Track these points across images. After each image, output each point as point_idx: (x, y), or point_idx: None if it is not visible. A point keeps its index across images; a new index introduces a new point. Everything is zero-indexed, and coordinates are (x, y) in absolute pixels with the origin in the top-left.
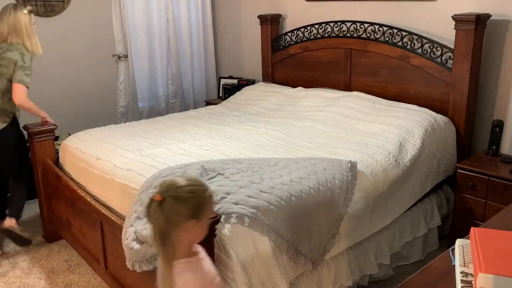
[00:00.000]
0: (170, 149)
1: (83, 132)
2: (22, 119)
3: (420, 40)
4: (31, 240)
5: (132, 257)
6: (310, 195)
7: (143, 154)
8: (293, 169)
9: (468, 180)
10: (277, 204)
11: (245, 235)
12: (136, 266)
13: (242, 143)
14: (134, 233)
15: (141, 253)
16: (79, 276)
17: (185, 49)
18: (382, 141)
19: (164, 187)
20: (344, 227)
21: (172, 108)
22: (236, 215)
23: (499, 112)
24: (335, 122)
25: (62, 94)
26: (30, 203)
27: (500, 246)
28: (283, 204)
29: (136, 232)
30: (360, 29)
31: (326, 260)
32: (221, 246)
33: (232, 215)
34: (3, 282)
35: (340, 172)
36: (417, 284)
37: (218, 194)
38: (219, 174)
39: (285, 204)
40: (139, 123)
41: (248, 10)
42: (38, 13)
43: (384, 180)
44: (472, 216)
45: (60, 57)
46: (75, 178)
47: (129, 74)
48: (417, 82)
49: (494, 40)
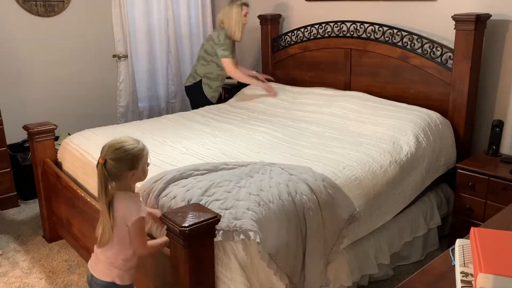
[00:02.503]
0: (174, 147)
1: (88, 131)
2: (22, 119)
3: (420, 40)
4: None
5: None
6: None
7: (150, 152)
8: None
9: (468, 180)
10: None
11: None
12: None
13: (242, 142)
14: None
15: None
16: (79, 276)
17: (185, 49)
18: (376, 140)
19: (104, 151)
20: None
21: (172, 108)
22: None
23: (499, 112)
24: (328, 123)
25: (62, 94)
26: (30, 203)
27: (500, 246)
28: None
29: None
30: (360, 29)
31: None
32: (220, 247)
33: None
34: (3, 282)
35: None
36: (417, 284)
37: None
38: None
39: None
40: (149, 121)
41: (248, 10)
42: (38, 13)
43: (383, 177)
44: (472, 216)
45: (60, 57)
46: (74, 176)
47: (129, 74)
48: (417, 82)
49: (494, 40)
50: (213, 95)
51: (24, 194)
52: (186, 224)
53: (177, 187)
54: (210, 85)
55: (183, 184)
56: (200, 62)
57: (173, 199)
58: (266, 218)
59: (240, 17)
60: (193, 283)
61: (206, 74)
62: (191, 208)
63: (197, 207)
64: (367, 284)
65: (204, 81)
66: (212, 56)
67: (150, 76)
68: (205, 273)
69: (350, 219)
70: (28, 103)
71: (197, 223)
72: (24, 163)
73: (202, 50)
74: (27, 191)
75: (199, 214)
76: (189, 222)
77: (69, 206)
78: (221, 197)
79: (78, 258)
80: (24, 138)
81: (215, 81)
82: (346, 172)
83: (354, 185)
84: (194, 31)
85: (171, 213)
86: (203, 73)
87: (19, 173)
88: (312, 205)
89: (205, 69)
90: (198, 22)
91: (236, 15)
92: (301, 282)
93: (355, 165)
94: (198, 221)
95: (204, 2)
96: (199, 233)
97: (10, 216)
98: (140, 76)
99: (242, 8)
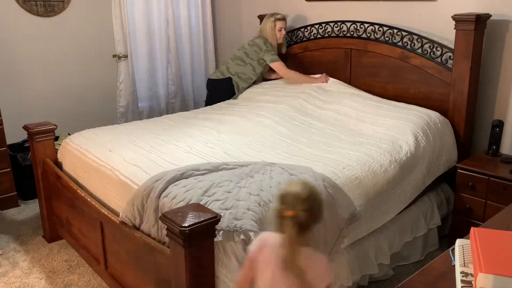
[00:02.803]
0: (178, 146)
1: (88, 130)
2: (22, 119)
3: (420, 40)
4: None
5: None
6: None
7: (152, 151)
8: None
9: (468, 180)
10: None
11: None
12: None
13: (246, 139)
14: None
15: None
16: (79, 276)
17: (185, 49)
18: (376, 140)
19: (291, 201)
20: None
21: (172, 108)
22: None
23: (499, 112)
24: (331, 120)
25: (62, 94)
26: (30, 203)
27: (500, 246)
28: None
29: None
30: (360, 29)
31: None
32: (220, 247)
33: (239, 231)
34: (3, 282)
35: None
36: (417, 284)
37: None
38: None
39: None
40: (149, 121)
41: (248, 10)
42: (38, 13)
43: (383, 176)
44: (472, 216)
45: (60, 57)
46: (75, 176)
47: (129, 74)
48: (417, 82)
49: (494, 40)
50: (238, 94)
51: (24, 194)
52: (186, 224)
53: (177, 187)
54: (239, 84)
55: (183, 184)
56: (236, 62)
57: (173, 199)
58: (266, 218)
59: (273, 31)
60: (193, 283)
61: (239, 73)
62: (191, 208)
63: (197, 207)
64: (367, 284)
65: (235, 79)
66: (252, 60)
67: (150, 76)
68: (205, 273)
69: (350, 219)
70: (28, 103)
71: (197, 223)
72: (24, 163)
73: (242, 52)
74: (27, 191)
75: (199, 214)
76: (189, 222)
77: (69, 206)
78: (221, 197)
79: (78, 258)
80: (24, 138)
81: (244, 82)
82: (346, 172)
83: (354, 185)
84: (194, 31)
85: (171, 213)
86: (236, 71)
87: (19, 173)
88: None
89: (239, 69)
90: (198, 22)
91: (270, 29)
92: None
93: (355, 165)
94: (198, 221)
95: (204, 2)
96: (199, 233)
97: (10, 216)
98: (140, 76)
99: (276, 23)
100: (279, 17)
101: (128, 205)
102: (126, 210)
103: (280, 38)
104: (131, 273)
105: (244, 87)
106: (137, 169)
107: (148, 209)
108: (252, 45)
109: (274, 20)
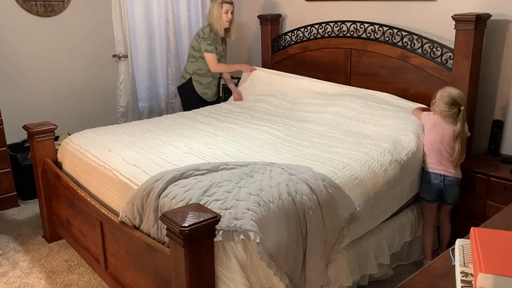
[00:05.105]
0: (177, 146)
1: (88, 130)
2: (22, 119)
3: (420, 40)
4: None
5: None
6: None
7: (151, 151)
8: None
9: (468, 180)
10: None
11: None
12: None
13: (244, 141)
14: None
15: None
16: (79, 276)
17: (185, 49)
18: (376, 140)
19: (463, 99)
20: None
21: (172, 108)
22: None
23: (499, 112)
24: (330, 123)
25: (62, 94)
26: (30, 203)
27: (500, 246)
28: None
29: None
30: (360, 29)
31: None
32: (220, 247)
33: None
34: (3, 282)
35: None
36: (417, 284)
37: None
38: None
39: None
40: (150, 120)
41: (248, 10)
42: (38, 13)
43: (383, 176)
44: (472, 216)
45: (60, 57)
46: (75, 176)
47: (129, 74)
48: (417, 82)
49: (494, 40)
50: (205, 91)
51: (24, 194)
52: (186, 224)
53: (177, 187)
54: (201, 81)
55: (183, 184)
56: (189, 60)
57: (173, 199)
58: (266, 218)
59: (220, 14)
60: (193, 283)
61: (196, 71)
62: (191, 208)
63: (197, 207)
64: (367, 284)
65: (194, 78)
66: (200, 52)
67: (150, 76)
68: (205, 273)
69: (350, 218)
70: (28, 103)
71: (197, 223)
72: (24, 163)
73: (190, 47)
74: (27, 191)
75: (199, 214)
76: (189, 222)
77: (69, 206)
78: (221, 197)
79: (78, 258)
80: (24, 138)
81: (206, 77)
82: (346, 171)
83: (354, 184)
84: (194, 31)
85: (171, 213)
86: (193, 70)
87: (19, 173)
88: (312, 205)
89: (194, 66)
90: (198, 22)
91: (216, 12)
92: (301, 282)
93: (355, 164)
94: (198, 221)
95: (204, 2)
96: (199, 233)
97: (10, 216)
98: (140, 76)
99: (222, 5)
100: (226, 0)
101: (128, 205)
102: (126, 210)
103: (226, 23)
104: (131, 273)
105: (210, 82)
106: (137, 169)
107: (148, 209)
108: (196, 36)
109: (221, 3)
